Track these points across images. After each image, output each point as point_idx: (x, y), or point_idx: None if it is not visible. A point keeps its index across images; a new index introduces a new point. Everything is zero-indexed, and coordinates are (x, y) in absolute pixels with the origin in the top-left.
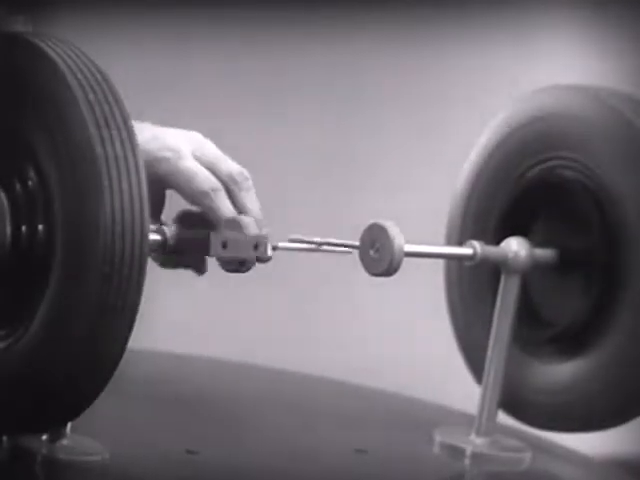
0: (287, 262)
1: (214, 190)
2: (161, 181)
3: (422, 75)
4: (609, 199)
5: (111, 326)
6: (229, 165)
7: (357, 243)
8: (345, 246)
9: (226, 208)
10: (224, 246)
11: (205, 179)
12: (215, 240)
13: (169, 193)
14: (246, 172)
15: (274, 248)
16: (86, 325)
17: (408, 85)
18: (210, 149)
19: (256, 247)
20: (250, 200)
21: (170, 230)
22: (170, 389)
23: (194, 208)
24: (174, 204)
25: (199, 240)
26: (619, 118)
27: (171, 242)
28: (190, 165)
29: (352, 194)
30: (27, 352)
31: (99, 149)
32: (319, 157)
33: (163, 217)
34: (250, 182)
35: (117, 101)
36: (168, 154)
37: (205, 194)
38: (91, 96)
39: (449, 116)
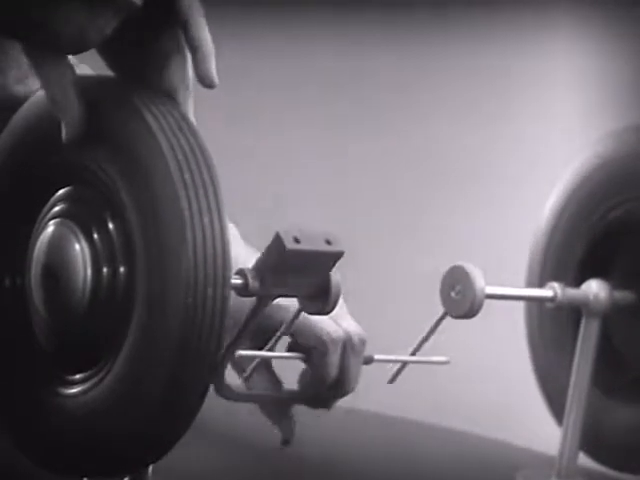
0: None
1: (333, 343)
2: (280, 321)
3: None
4: None
5: (193, 369)
6: (350, 324)
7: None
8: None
9: (334, 367)
10: None
11: (329, 328)
12: None
13: None
14: (365, 337)
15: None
16: (168, 368)
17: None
18: None
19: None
20: (355, 367)
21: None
22: (253, 435)
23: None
24: None
25: None
26: None
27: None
28: None
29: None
30: (107, 395)
31: (182, 195)
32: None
33: None
34: (364, 349)
35: (203, 152)
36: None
37: (323, 343)
38: (180, 156)
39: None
